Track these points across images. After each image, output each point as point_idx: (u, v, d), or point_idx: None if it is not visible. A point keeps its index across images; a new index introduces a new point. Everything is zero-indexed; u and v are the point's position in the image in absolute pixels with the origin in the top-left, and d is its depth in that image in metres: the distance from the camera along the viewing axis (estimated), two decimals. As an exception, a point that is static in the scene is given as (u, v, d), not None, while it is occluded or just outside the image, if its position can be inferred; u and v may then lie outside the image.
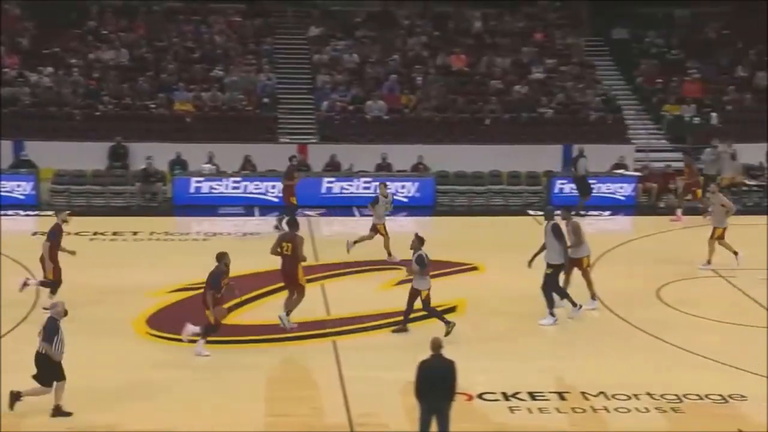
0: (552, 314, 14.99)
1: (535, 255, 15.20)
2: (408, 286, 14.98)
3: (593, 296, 15.71)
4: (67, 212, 16.07)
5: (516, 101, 28.22)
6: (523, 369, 13.32)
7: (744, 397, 12.53)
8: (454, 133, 27.12)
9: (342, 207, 23.20)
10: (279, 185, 23.82)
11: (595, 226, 22.33)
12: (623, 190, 23.73)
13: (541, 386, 12.72)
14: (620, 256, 19.30)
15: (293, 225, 15.25)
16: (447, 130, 27.28)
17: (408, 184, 23.95)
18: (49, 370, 11.36)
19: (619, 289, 16.89)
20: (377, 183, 20.07)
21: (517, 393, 12.55)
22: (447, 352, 10.52)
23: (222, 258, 13.67)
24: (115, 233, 20.59)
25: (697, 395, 12.57)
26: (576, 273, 15.65)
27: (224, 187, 23.89)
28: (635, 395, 12.52)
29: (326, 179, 24.13)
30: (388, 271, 17.89)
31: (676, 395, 12.54)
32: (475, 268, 18.23)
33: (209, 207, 23.04)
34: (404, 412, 11.87)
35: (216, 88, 28.07)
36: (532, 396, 12.49)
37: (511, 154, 25.67)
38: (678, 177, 23.38)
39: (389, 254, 18.33)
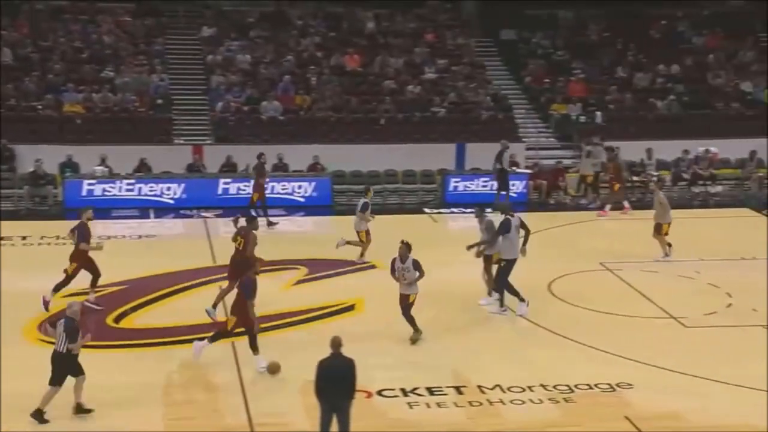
0: (502, 304, 15.43)
1: (475, 245, 15.53)
2: (306, 285, 14.90)
3: (490, 293, 15.95)
4: (91, 210, 15.92)
5: (409, 101, 28.41)
6: (422, 365, 13.40)
7: (630, 385, 12.89)
8: (350, 133, 27.13)
9: (239, 208, 22.90)
10: (174, 186, 23.50)
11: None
12: (515, 187, 24.11)
13: (439, 381, 12.84)
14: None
15: (251, 221, 15.43)
16: (342, 129, 27.27)
17: (305, 184, 23.83)
18: (65, 369, 11.49)
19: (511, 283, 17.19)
20: (364, 187, 19.82)
21: (416, 389, 12.63)
22: (346, 350, 10.50)
23: (253, 266, 13.57)
24: (2, 238, 19.83)
25: (588, 385, 12.88)
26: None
27: (118, 190, 23.32)
28: (529, 387, 12.76)
29: (222, 180, 23.80)
30: (289, 271, 17.77)
31: (567, 386, 12.83)
32: (372, 266, 18.25)
33: (103, 210, 22.40)
34: (304, 410, 11.81)
35: (107, 89, 27.33)
36: (430, 391, 12.59)
37: (406, 153, 25.83)
38: (604, 174, 23.74)
39: (362, 255, 18.48)
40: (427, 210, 23.24)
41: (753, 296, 16.40)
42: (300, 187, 23.78)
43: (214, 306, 14.74)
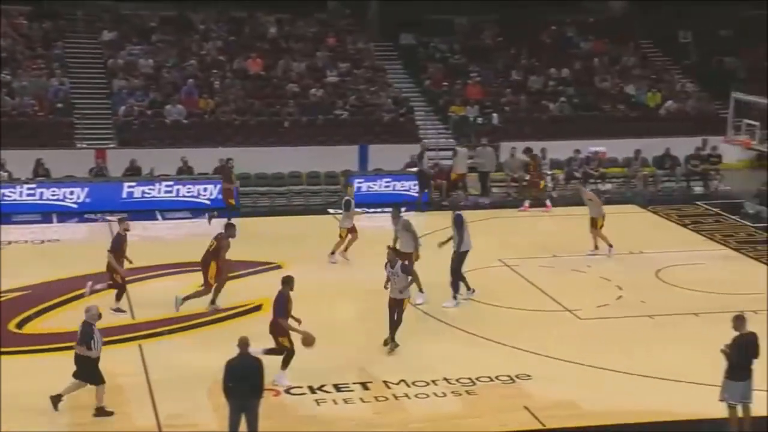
0: (455, 297, 15.97)
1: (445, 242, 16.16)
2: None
3: (420, 289, 15.95)
4: (128, 221, 15.99)
5: (312, 104, 28.36)
6: (328, 362, 13.38)
7: (529, 376, 13.19)
8: (254, 136, 26.91)
9: (144, 211, 22.46)
10: (77, 190, 22.88)
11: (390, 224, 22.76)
12: (416, 188, 24.33)
13: (346, 378, 12.88)
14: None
15: (229, 228, 15.81)
16: (246, 132, 27.03)
17: (210, 186, 23.50)
18: (88, 371, 11.64)
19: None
20: (348, 184, 19.90)
21: (323, 386, 12.65)
22: (253, 350, 10.44)
23: (288, 282, 12.83)
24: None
25: (488, 377, 13.13)
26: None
27: (18, 194, 22.56)
28: (433, 381, 12.92)
29: (127, 184, 23.28)
30: (193, 274, 17.50)
31: (469, 378, 13.04)
32: (278, 267, 18.16)
33: (2, 215, 21.66)
34: (213, 411, 11.69)
35: (4, 93, 26.41)
36: (337, 388, 12.62)
37: (310, 155, 25.78)
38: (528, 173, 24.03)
39: (333, 253, 18.47)
40: (331, 210, 23.23)
41: (641, 289, 16.97)
42: (205, 189, 23.45)
43: (185, 299, 15.17)
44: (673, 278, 17.54)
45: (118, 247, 15.40)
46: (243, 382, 10.31)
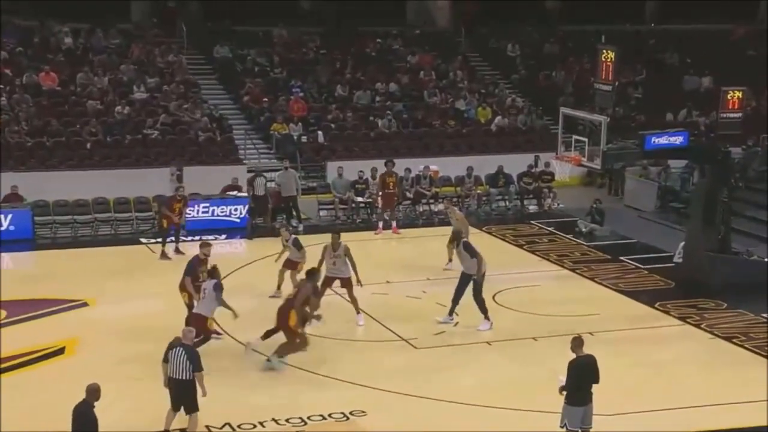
0: (487, 318, 16.66)
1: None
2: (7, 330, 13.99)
3: (358, 312, 16.85)
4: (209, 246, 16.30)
5: (118, 122, 27.65)
6: (144, 408, 13.02)
7: (364, 412, 13.31)
8: (51, 159, 25.91)
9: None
10: None
11: (213, 250, 22.36)
12: (238, 212, 24.15)
13: (163, 424, 12.54)
14: (240, 280, 19.64)
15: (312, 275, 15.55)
16: (42, 155, 25.96)
17: (0, 216, 22.40)
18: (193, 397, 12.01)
19: (242, 313, 17.20)
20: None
21: (138, 435, 12.30)
22: (60, 394, 10.06)
23: (312, 276, 14.96)
24: None
25: (321, 415, 13.16)
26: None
27: None
28: (261, 423, 12.81)
29: None
30: None
31: (300, 418, 13.03)
32: (85, 304, 17.55)
33: None
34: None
35: None
36: (155, 436, 12.29)
37: (117, 179, 25.04)
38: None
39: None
40: (143, 240, 22.68)
41: (479, 314, 17.50)
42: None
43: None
44: (511, 301, 18.20)
45: (192, 272, 15.72)
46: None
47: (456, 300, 16.97)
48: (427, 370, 15.17)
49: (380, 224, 23.86)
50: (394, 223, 23.81)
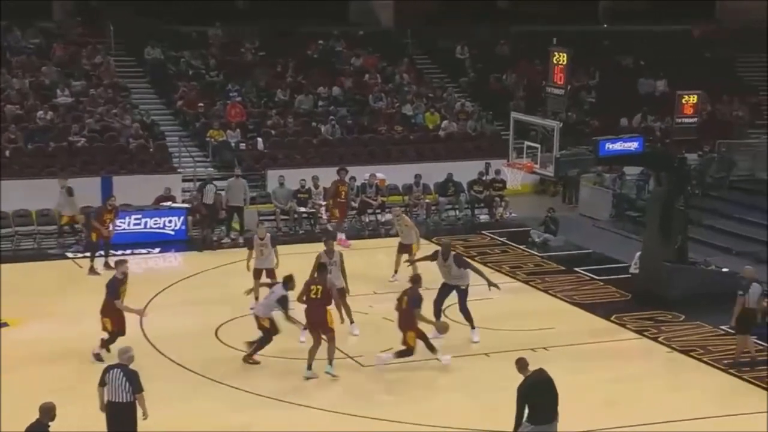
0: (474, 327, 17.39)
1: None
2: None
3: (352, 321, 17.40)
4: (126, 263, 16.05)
5: (40, 128, 27.35)
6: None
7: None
8: (-35, 168, 25.57)
9: None
10: None
11: (146, 265, 22.42)
12: (172, 224, 24.04)
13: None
14: (176, 294, 19.58)
15: (322, 269, 16.35)
16: (-47, 165, 25.62)
17: None
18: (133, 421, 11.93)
19: (175, 330, 17.18)
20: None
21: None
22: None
23: (417, 282, 16.00)
24: None
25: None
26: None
27: None
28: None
29: None
30: None
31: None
32: (5, 324, 17.34)
33: None
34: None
35: None
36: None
37: (41, 190, 24.73)
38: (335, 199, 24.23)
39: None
40: (69, 254, 22.46)
41: (427, 329, 17.63)
42: None
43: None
44: (461, 316, 18.35)
45: (114, 292, 15.70)
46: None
47: (438, 313, 17.36)
48: (375, 390, 15.27)
49: (342, 235, 23.82)
50: (342, 236, 23.83)
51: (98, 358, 15.42)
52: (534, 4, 37.06)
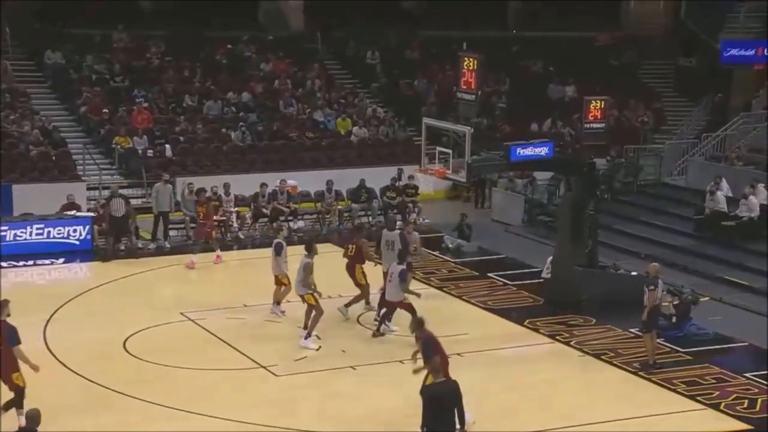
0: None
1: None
2: None
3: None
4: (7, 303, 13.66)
5: (-64, 136, 26.70)
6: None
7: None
8: None
9: None
10: None
11: (49, 276, 22.05)
12: (77, 234, 23.66)
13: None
14: (81, 306, 19.29)
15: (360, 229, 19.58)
16: None
17: None
18: None
19: (80, 342, 16.96)
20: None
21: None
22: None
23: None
24: None
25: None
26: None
27: None
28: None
29: None
30: None
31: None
32: None
33: None
34: None
35: None
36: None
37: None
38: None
39: (278, 303, 18.96)
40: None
41: (341, 337, 17.74)
42: None
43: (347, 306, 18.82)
44: (375, 322, 18.51)
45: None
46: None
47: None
48: (289, 399, 15.29)
49: (218, 251, 23.46)
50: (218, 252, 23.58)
51: None
52: (443, 6, 37.40)
